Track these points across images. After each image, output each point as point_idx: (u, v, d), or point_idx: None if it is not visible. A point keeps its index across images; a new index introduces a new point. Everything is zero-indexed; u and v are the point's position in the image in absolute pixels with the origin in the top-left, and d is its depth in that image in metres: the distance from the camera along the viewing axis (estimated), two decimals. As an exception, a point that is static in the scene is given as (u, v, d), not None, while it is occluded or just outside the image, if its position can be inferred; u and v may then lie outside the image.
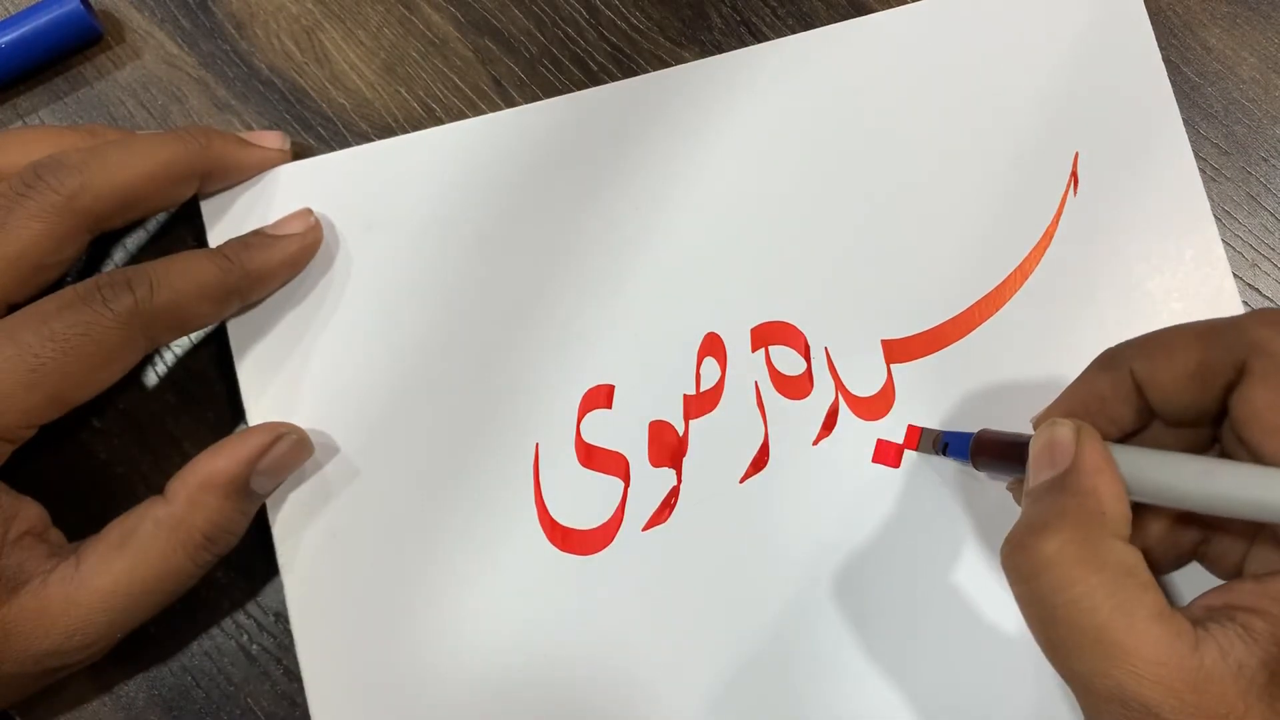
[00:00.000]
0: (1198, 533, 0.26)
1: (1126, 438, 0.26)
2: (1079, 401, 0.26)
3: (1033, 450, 0.25)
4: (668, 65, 0.33)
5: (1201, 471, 0.23)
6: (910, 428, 0.30)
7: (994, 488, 0.30)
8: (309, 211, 0.31)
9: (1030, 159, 0.31)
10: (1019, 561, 0.23)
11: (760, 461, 0.30)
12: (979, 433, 0.28)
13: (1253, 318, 0.23)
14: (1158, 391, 0.24)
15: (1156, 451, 0.24)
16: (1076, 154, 0.31)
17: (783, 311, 0.31)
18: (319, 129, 0.33)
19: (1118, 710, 0.21)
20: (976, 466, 0.28)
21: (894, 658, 0.29)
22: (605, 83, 0.33)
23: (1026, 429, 0.27)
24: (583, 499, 0.30)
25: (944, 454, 0.29)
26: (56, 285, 0.28)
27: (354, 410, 0.31)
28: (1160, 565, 0.26)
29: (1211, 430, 0.25)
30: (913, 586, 0.29)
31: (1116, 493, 0.23)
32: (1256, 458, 0.23)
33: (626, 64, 0.33)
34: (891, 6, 0.32)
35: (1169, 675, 0.21)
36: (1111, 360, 0.25)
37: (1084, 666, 0.22)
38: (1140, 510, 0.24)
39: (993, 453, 0.27)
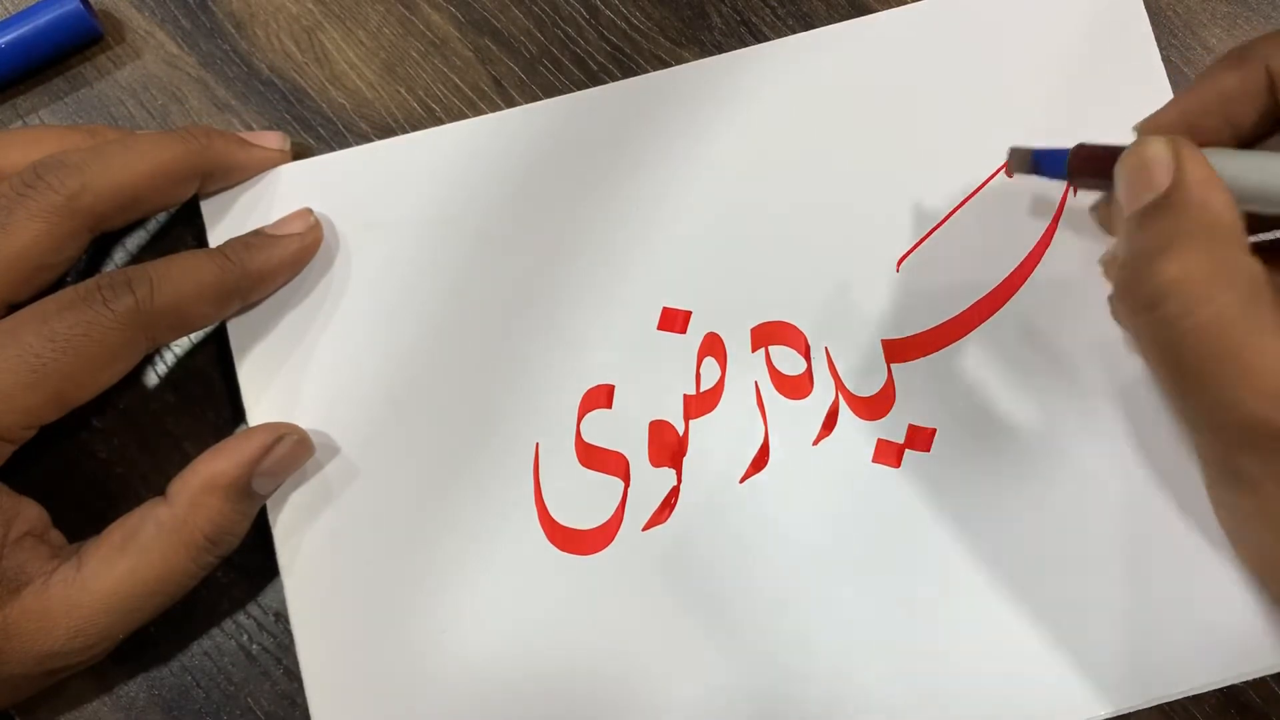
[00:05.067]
0: None
1: (1245, 147, 0.24)
2: (1198, 100, 0.23)
3: (1124, 172, 0.23)
4: (668, 65, 0.33)
5: None
6: (1012, 151, 0.28)
7: (995, 486, 0.30)
8: (309, 211, 0.31)
9: (1030, 159, 0.31)
10: (1139, 291, 0.21)
11: (760, 461, 0.30)
12: (1076, 147, 0.25)
13: None
14: None
15: (1268, 153, 0.22)
16: (1077, 154, 0.31)
17: (783, 311, 0.31)
18: (319, 129, 0.33)
19: (1249, 439, 0.20)
20: (1075, 186, 0.26)
21: (894, 657, 0.29)
22: (605, 83, 0.33)
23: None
24: (583, 499, 0.30)
25: (1039, 173, 0.27)
26: (57, 285, 0.28)
27: (354, 410, 0.31)
28: None
29: None
30: (913, 587, 0.29)
31: (1228, 203, 0.21)
32: None
33: (626, 64, 0.33)
34: (891, 6, 0.32)
35: None
36: (1243, 54, 0.23)
37: (1212, 396, 0.20)
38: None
39: (1095, 168, 0.24)
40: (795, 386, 0.31)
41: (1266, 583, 0.22)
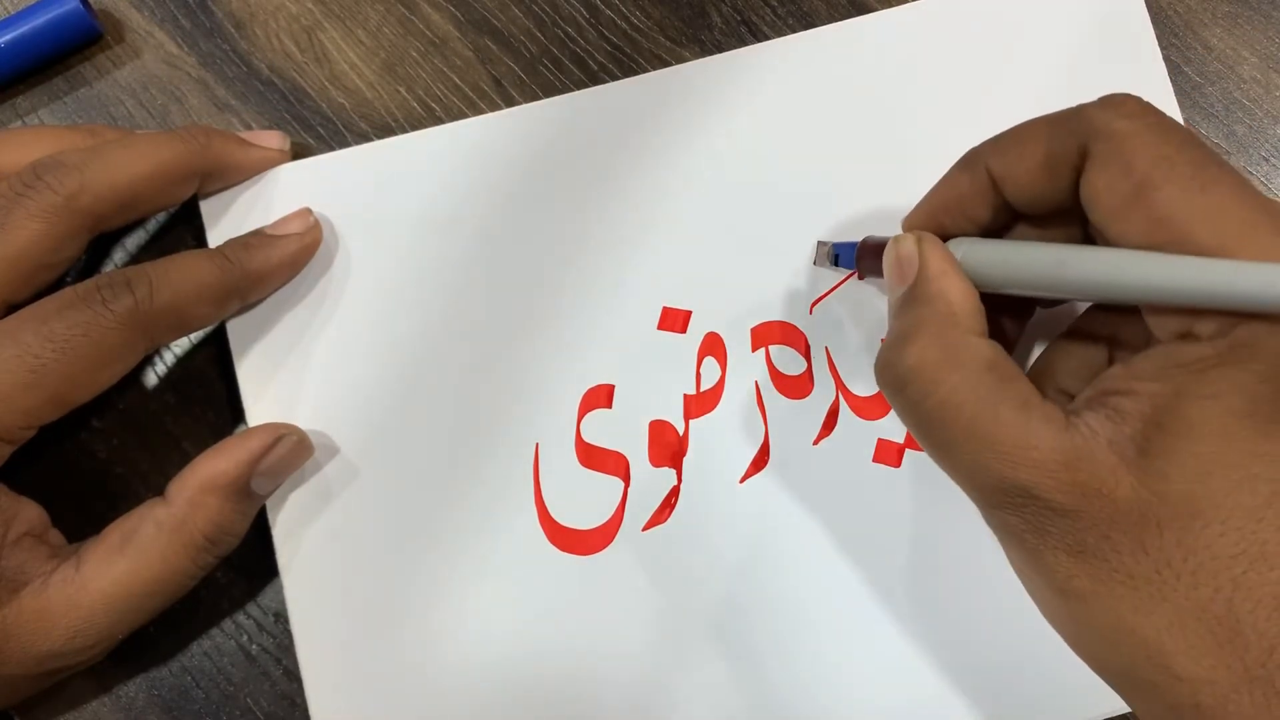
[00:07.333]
0: (1102, 349, 0.26)
1: (989, 236, 0.26)
2: (940, 202, 0.26)
3: (885, 267, 0.26)
4: (668, 65, 0.33)
5: (1039, 254, 0.23)
6: (818, 245, 0.31)
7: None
8: (308, 211, 0.31)
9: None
10: (888, 376, 0.24)
11: (760, 461, 0.30)
12: (863, 239, 0.28)
13: (1096, 103, 0.23)
14: (1011, 185, 0.24)
15: (1003, 242, 0.24)
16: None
17: (783, 311, 0.31)
18: (319, 129, 0.33)
19: (1001, 499, 0.22)
20: (861, 274, 0.29)
21: (895, 656, 0.29)
22: (605, 83, 0.33)
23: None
24: (583, 499, 0.30)
25: (836, 264, 0.30)
26: (56, 285, 0.28)
27: (354, 410, 0.31)
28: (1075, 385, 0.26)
29: (1081, 229, 0.25)
30: (913, 586, 0.29)
31: (963, 290, 0.24)
32: (1104, 243, 0.22)
33: (626, 64, 0.33)
34: (891, 6, 0.32)
35: (1041, 457, 0.21)
36: (969, 160, 0.25)
37: (963, 463, 0.22)
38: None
39: (874, 257, 0.27)
40: (795, 386, 0.31)
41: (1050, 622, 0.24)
